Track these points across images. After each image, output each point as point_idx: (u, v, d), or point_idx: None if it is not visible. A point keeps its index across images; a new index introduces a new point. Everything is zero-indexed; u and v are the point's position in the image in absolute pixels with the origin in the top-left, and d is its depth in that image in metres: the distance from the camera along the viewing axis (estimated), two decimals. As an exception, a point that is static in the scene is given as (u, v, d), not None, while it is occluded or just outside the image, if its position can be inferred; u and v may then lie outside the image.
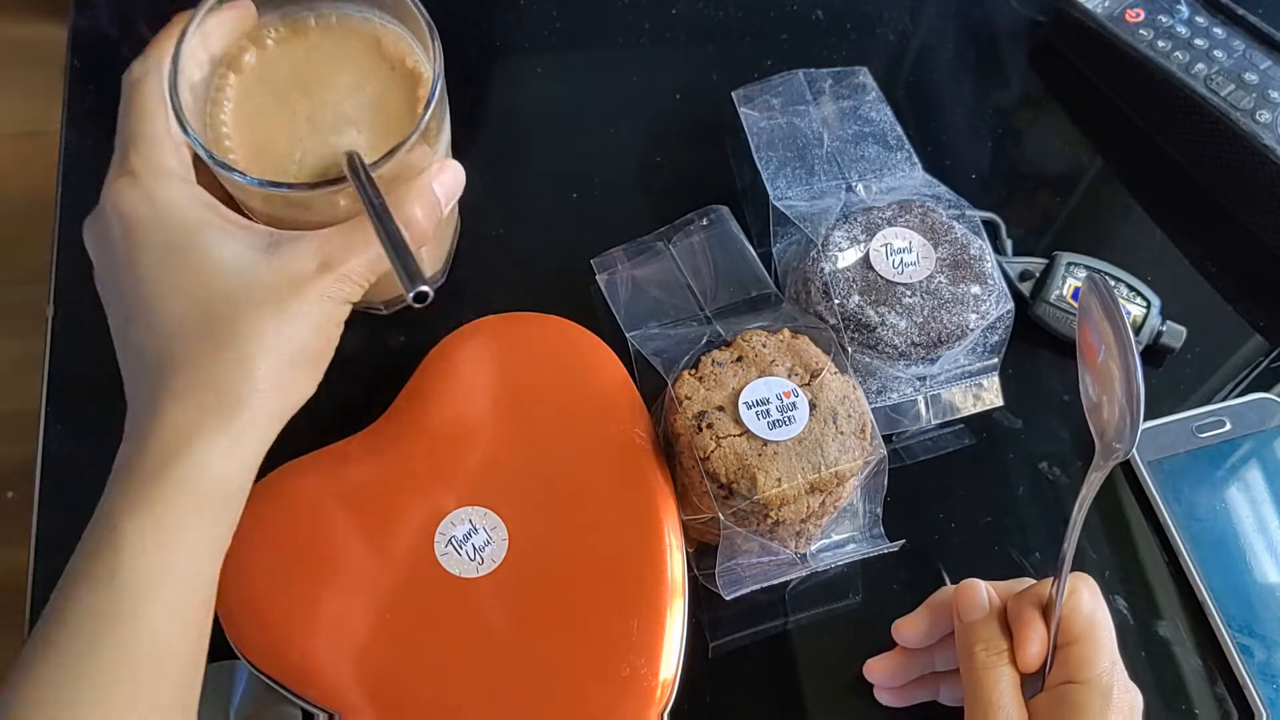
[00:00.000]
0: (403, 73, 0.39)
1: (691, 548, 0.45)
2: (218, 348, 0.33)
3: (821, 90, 0.54)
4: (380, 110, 0.38)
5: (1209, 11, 0.57)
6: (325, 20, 0.40)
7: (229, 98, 0.38)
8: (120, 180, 0.35)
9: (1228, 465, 0.50)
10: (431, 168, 0.38)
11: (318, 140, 0.38)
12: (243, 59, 0.39)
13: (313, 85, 0.39)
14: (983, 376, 0.49)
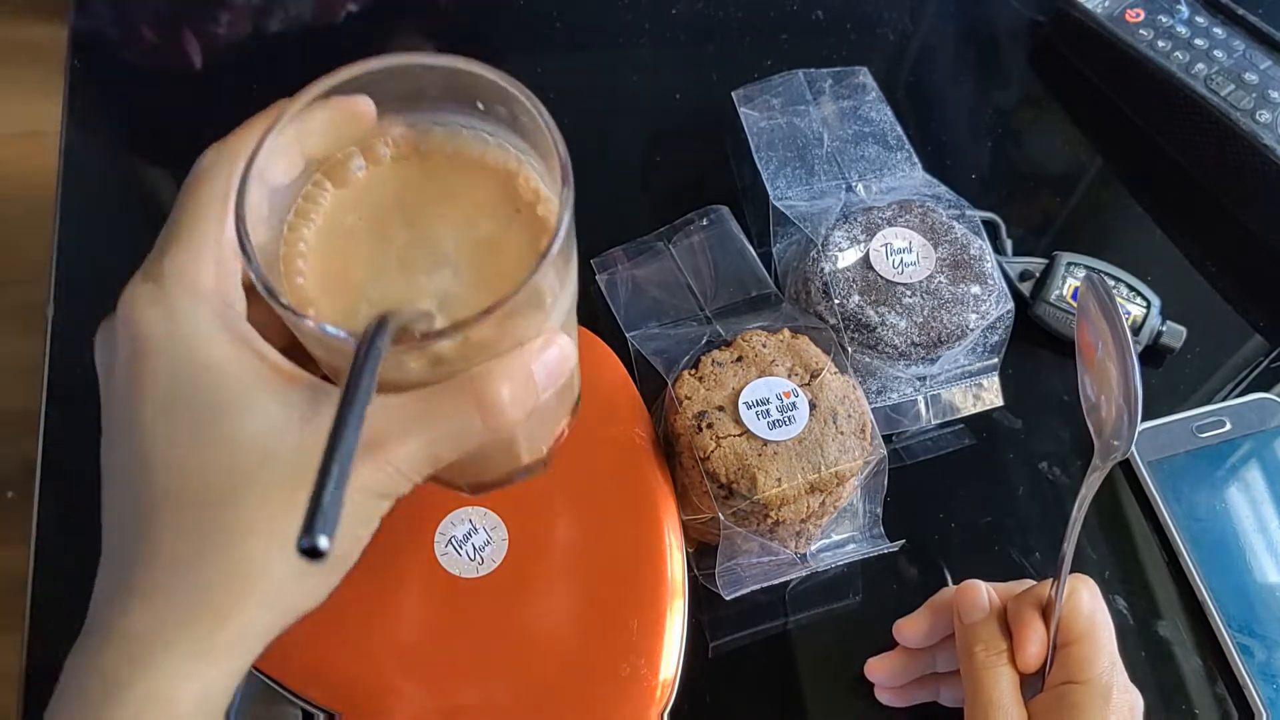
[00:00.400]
0: (529, 218, 0.32)
1: (691, 548, 0.45)
2: (209, 538, 0.26)
3: (821, 90, 0.54)
4: (489, 257, 0.31)
5: (1209, 11, 0.57)
6: (454, 137, 0.32)
7: (319, 212, 0.31)
8: (142, 287, 0.28)
9: (1228, 465, 0.50)
10: (535, 341, 0.29)
11: (403, 280, 0.30)
12: (349, 170, 0.32)
13: (418, 214, 0.31)
14: (983, 376, 0.49)
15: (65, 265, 0.52)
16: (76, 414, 0.49)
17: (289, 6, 0.56)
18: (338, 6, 0.57)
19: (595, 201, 0.56)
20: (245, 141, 0.29)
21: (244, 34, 0.56)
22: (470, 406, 0.28)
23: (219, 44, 0.56)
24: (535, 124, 0.30)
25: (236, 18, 0.55)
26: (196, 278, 0.28)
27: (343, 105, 0.30)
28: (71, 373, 0.49)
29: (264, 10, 0.56)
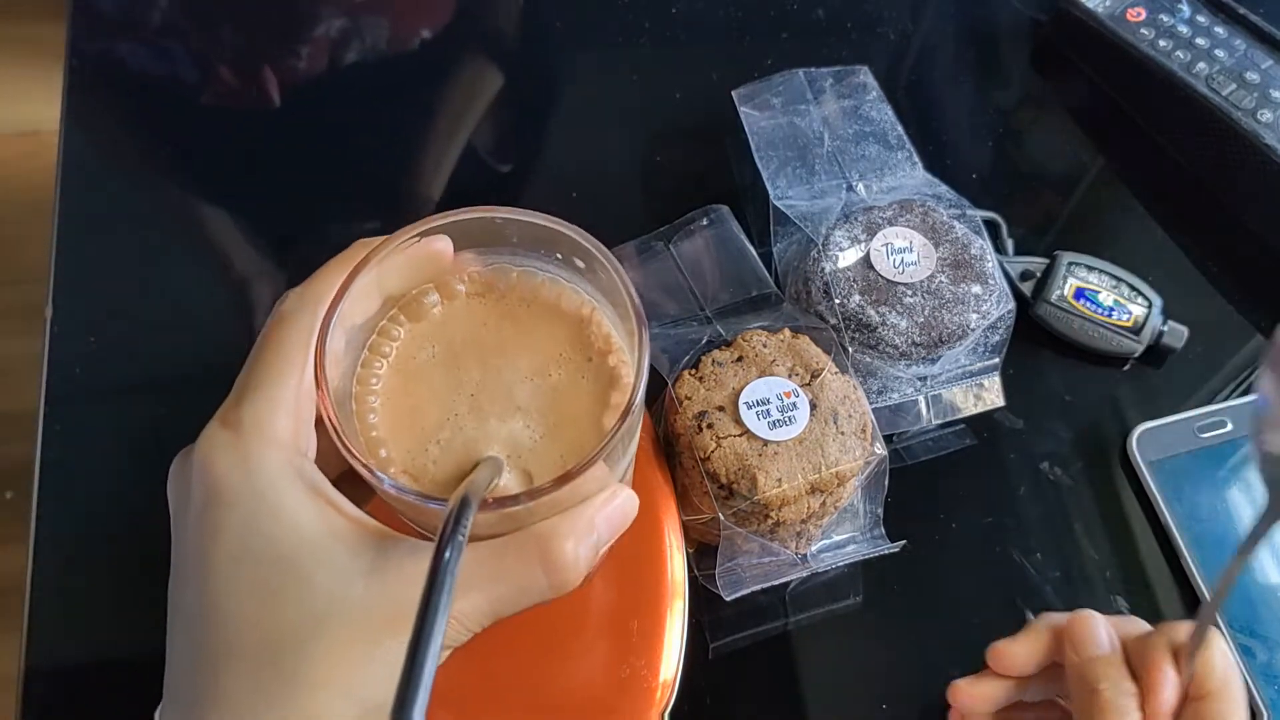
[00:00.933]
0: (599, 367, 0.31)
1: (692, 548, 0.45)
2: (277, 689, 0.27)
3: (822, 90, 0.54)
4: (560, 405, 0.31)
5: (1210, 11, 0.57)
6: (529, 279, 0.32)
7: (393, 350, 0.31)
8: (220, 434, 0.29)
9: (1229, 465, 0.50)
10: (601, 495, 0.30)
11: (474, 422, 0.30)
12: (425, 308, 0.32)
13: (491, 354, 0.31)
14: (984, 376, 0.49)
15: (65, 265, 0.52)
16: (76, 414, 0.49)
17: (365, 36, 0.56)
18: (411, 34, 0.57)
19: (595, 201, 0.56)
20: (327, 285, 0.30)
21: (321, 67, 0.56)
22: (536, 564, 0.28)
23: (298, 78, 0.56)
24: (612, 282, 0.30)
25: (315, 51, 0.56)
26: (274, 428, 0.28)
27: (423, 246, 0.30)
28: (71, 373, 0.49)
29: (341, 42, 0.56)
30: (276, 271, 0.55)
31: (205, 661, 0.28)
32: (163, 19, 0.56)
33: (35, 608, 0.44)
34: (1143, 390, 0.52)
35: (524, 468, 0.30)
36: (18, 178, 1.37)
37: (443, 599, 0.23)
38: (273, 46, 0.56)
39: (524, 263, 0.32)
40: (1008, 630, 0.46)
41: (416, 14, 0.57)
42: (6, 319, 1.10)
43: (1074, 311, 0.51)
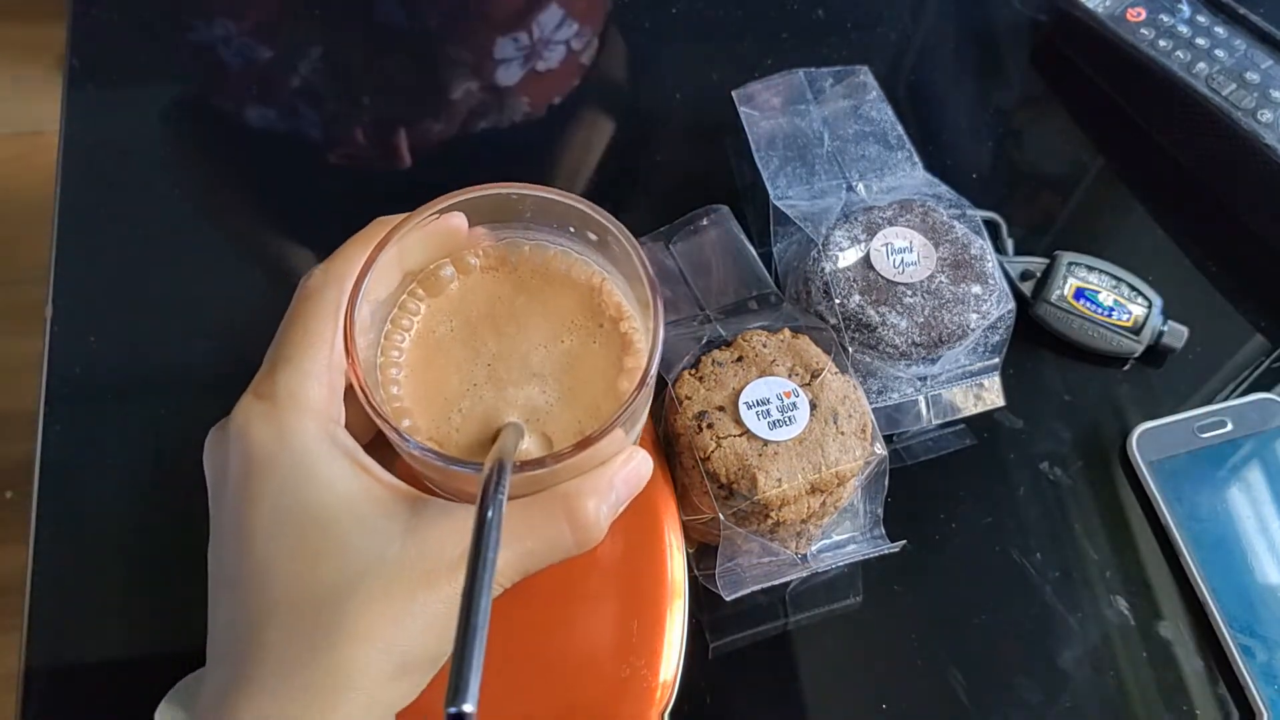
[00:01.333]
0: (610, 333, 0.33)
1: (692, 548, 0.45)
2: (315, 642, 0.28)
3: (822, 89, 0.54)
4: (574, 370, 0.32)
5: (1210, 11, 0.57)
6: (541, 252, 0.34)
7: (414, 323, 0.33)
8: (256, 405, 0.30)
9: (1229, 465, 0.50)
10: (618, 457, 0.31)
11: (493, 391, 0.32)
12: (443, 282, 0.33)
13: (506, 325, 0.33)
14: (984, 376, 0.49)
15: (65, 265, 0.52)
16: (76, 414, 0.49)
17: (505, 106, 0.58)
18: (546, 102, 0.59)
19: (595, 201, 0.56)
20: (350, 263, 0.31)
21: (453, 132, 0.57)
22: (562, 521, 0.30)
23: (430, 140, 0.57)
24: (625, 253, 0.31)
25: (451, 115, 0.57)
26: (307, 397, 0.30)
27: (440, 223, 0.32)
28: (71, 373, 0.49)
29: (478, 111, 0.57)
30: (280, 272, 0.55)
31: (247, 622, 0.28)
32: (302, 83, 0.58)
33: (35, 608, 0.44)
34: (1142, 390, 0.52)
35: (542, 431, 0.31)
36: (18, 178, 1.37)
37: (490, 552, 0.25)
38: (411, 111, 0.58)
39: (536, 236, 0.33)
40: (1007, 630, 0.46)
41: (552, 88, 0.59)
42: (6, 319, 1.10)
43: (1074, 311, 0.51)
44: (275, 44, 0.59)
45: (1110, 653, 0.46)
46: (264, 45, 0.58)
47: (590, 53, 0.60)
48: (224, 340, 0.50)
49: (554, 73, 0.59)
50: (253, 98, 0.57)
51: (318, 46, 0.59)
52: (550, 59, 0.59)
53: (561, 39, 0.60)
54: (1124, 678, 0.45)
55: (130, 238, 0.54)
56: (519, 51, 0.59)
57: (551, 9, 0.60)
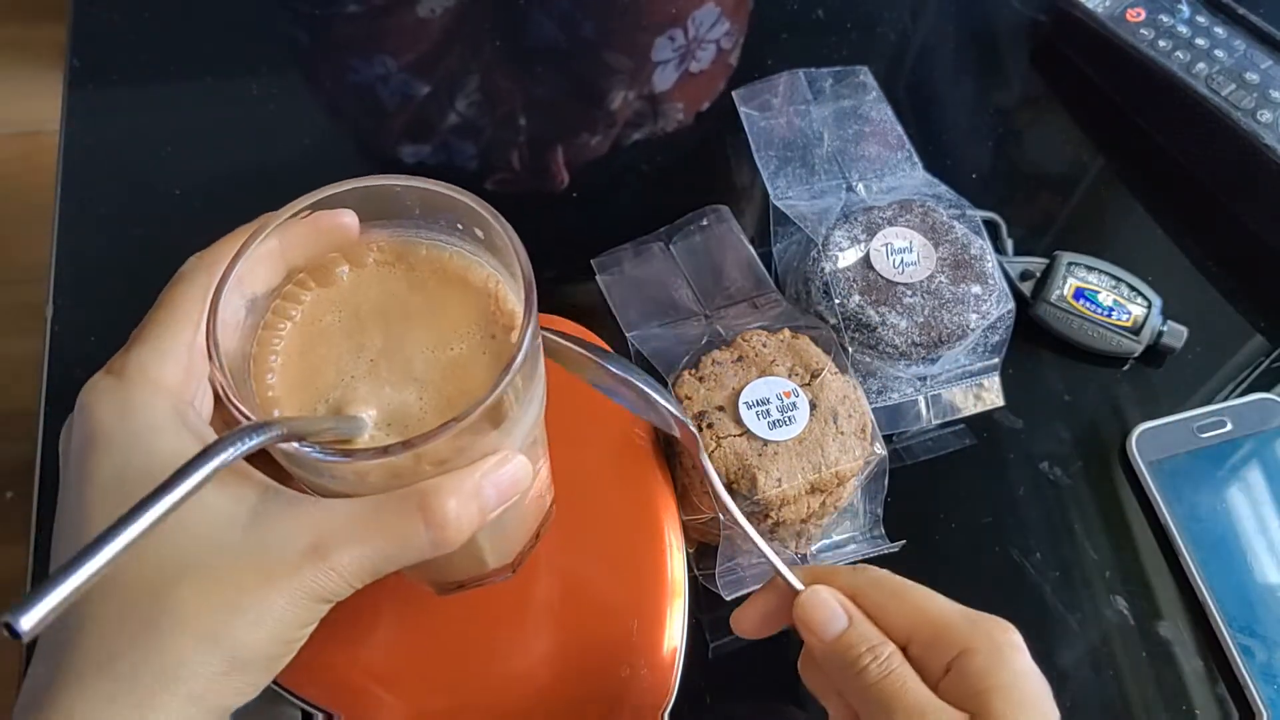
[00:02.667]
0: (502, 344, 0.31)
1: (692, 548, 0.45)
2: (143, 630, 0.26)
3: (822, 90, 0.54)
4: (457, 379, 0.30)
5: (1210, 11, 0.57)
6: (438, 251, 0.32)
7: (299, 312, 0.31)
8: (103, 380, 0.29)
9: (1229, 465, 0.50)
10: (490, 459, 0.29)
11: (369, 387, 0.30)
12: (334, 273, 0.32)
13: (396, 323, 0.31)
14: (983, 376, 0.49)
15: (65, 265, 0.52)
16: (76, 414, 0.49)
17: (659, 114, 0.58)
18: (697, 106, 0.59)
19: (595, 201, 0.56)
20: (226, 251, 0.30)
21: (605, 150, 0.57)
22: (416, 519, 0.27)
23: (585, 156, 0.57)
24: (506, 247, 0.30)
25: (607, 127, 0.57)
26: (159, 373, 0.29)
27: (326, 219, 0.30)
28: (71, 373, 0.49)
29: (633, 122, 0.58)
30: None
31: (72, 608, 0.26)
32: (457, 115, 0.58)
33: (35, 607, 0.44)
34: (1142, 390, 0.52)
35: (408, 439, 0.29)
36: (18, 178, 1.37)
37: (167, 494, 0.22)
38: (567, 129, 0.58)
39: (431, 236, 0.32)
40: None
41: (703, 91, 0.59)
42: (6, 319, 1.10)
43: (1073, 311, 0.51)
44: (431, 78, 0.58)
45: (1110, 653, 0.46)
46: (421, 80, 0.58)
47: (737, 54, 0.60)
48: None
49: (705, 74, 0.59)
50: (408, 135, 0.57)
51: (475, 76, 0.59)
52: (703, 59, 0.59)
53: (713, 38, 0.60)
54: (1124, 678, 0.45)
55: (130, 238, 0.54)
56: (675, 52, 0.59)
57: (708, 6, 0.60)
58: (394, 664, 0.39)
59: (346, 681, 0.39)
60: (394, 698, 0.39)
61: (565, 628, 0.40)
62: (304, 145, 0.57)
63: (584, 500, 0.42)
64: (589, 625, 0.40)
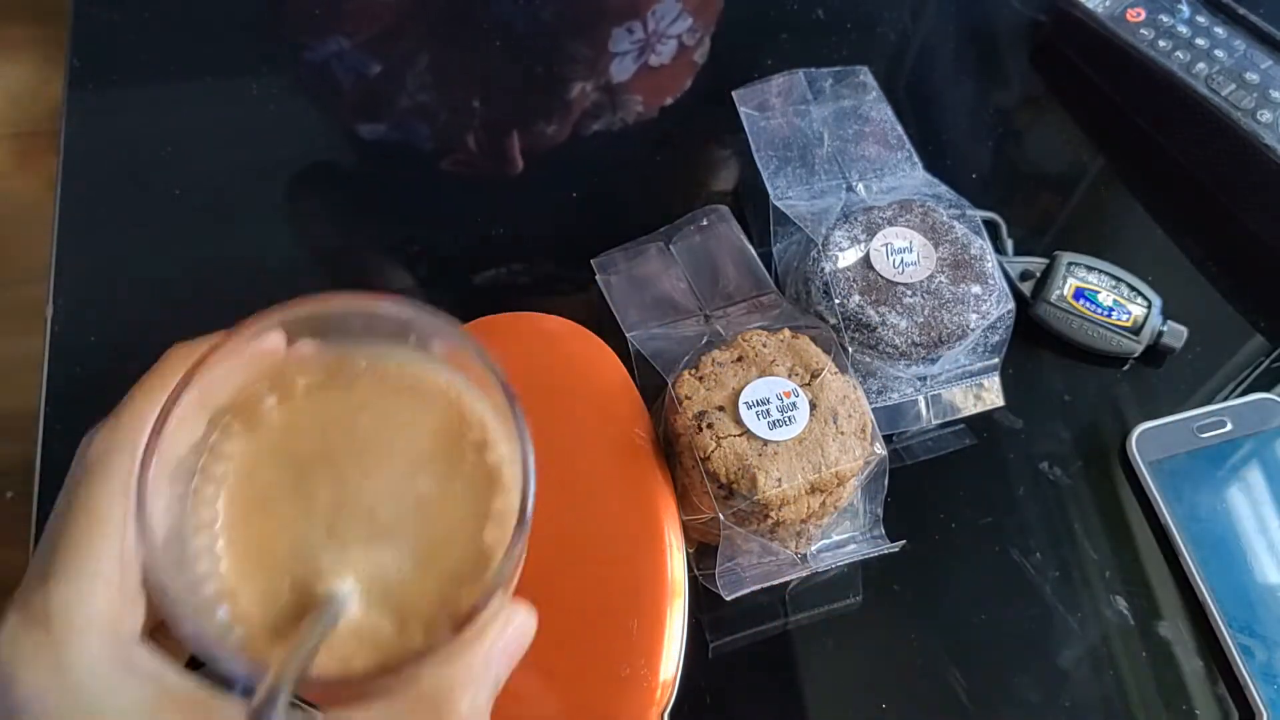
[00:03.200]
0: (475, 465, 0.26)
1: (692, 548, 0.45)
2: None
3: (822, 90, 0.54)
4: (431, 522, 0.25)
5: (1210, 11, 0.57)
6: (380, 366, 0.27)
7: (231, 469, 0.26)
8: (23, 635, 0.23)
9: (1229, 465, 0.50)
10: (493, 627, 0.25)
11: (334, 554, 0.25)
12: (260, 410, 0.26)
13: (346, 463, 0.26)
14: (983, 376, 0.49)
15: (65, 265, 0.52)
16: (76, 414, 0.49)
17: (618, 105, 0.58)
18: (659, 101, 0.58)
19: (595, 201, 0.56)
20: (141, 418, 0.25)
21: (565, 136, 0.57)
22: None
23: (543, 144, 0.57)
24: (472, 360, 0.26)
25: (565, 116, 0.57)
26: (88, 613, 0.24)
27: (252, 346, 0.26)
28: (71, 373, 0.49)
29: (591, 112, 0.57)
30: (282, 273, 0.55)
31: None
32: (412, 94, 0.58)
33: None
34: (1142, 390, 0.52)
35: (395, 607, 0.25)
36: (17, 178, 1.37)
37: None
38: (524, 113, 0.58)
39: (374, 344, 0.27)
40: (1007, 630, 0.46)
41: (665, 86, 0.59)
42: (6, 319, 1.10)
43: (1073, 311, 0.51)
44: (387, 57, 0.58)
45: (1110, 652, 0.46)
46: (373, 59, 0.58)
47: (703, 51, 0.60)
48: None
49: (666, 69, 0.59)
50: (364, 113, 0.57)
51: (427, 54, 0.58)
52: (663, 53, 0.58)
53: (675, 33, 0.59)
54: (1123, 677, 0.45)
55: (130, 238, 0.54)
56: (634, 45, 0.58)
57: (668, 1, 0.60)
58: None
59: (346, 681, 0.39)
60: (394, 698, 0.39)
61: (565, 627, 0.40)
62: (304, 146, 0.57)
63: (584, 500, 0.42)
64: (589, 625, 0.40)
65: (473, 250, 0.54)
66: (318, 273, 0.55)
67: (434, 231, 0.54)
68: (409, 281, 0.53)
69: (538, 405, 0.44)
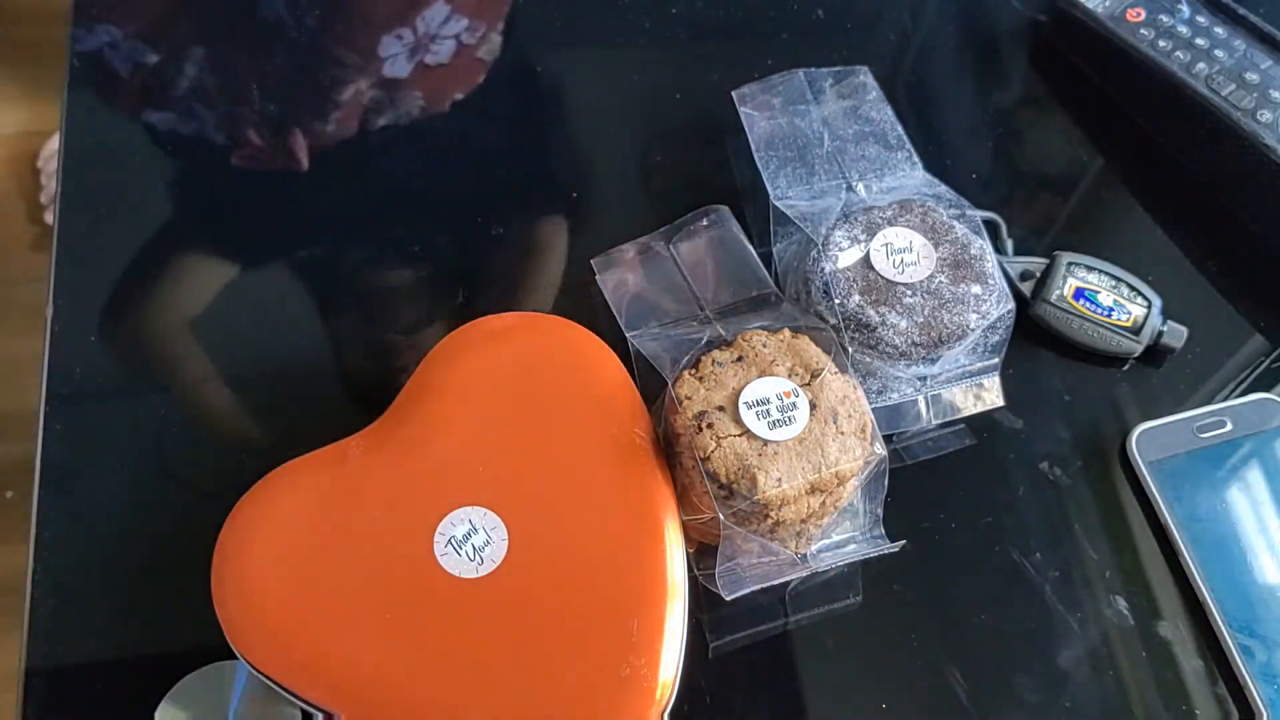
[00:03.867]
0: None
1: (692, 548, 0.45)
2: None
3: (822, 90, 0.54)
4: None
5: (1210, 11, 0.57)
6: None
7: None
8: None
9: (1229, 465, 0.50)
10: None
11: None
12: None
13: None
14: (983, 376, 0.49)
15: (65, 265, 0.52)
16: (76, 414, 0.49)
17: (399, 102, 0.57)
18: (444, 97, 0.58)
19: (595, 201, 0.56)
20: None
21: (351, 131, 0.57)
22: None
23: (327, 141, 0.57)
24: None
25: (346, 115, 0.57)
26: None
27: None
28: (71, 373, 0.49)
29: (373, 108, 0.57)
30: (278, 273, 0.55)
31: None
32: (191, 85, 0.57)
33: (35, 607, 0.44)
34: (1142, 390, 0.52)
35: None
36: (18, 178, 1.37)
37: None
38: (303, 111, 0.57)
39: None
40: (1007, 630, 0.46)
41: (448, 83, 0.58)
42: (6, 319, 1.10)
43: (1073, 311, 0.51)
44: (162, 47, 0.58)
45: (1110, 653, 0.46)
46: (149, 48, 0.58)
47: (490, 48, 0.60)
48: (224, 339, 0.50)
49: (447, 67, 0.58)
50: (149, 103, 0.57)
51: (202, 48, 0.58)
52: (440, 53, 0.58)
53: (450, 34, 0.59)
54: (1123, 678, 0.45)
55: (130, 238, 0.54)
56: (404, 48, 0.58)
57: (437, 5, 0.59)
58: (393, 665, 0.39)
59: (346, 681, 0.39)
60: (394, 698, 0.39)
61: (565, 628, 0.40)
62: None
63: (584, 500, 0.42)
64: (589, 625, 0.40)
65: (473, 250, 0.54)
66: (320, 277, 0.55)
67: (434, 231, 0.54)
68: (409, 281, 0.53)
69: (538, 405, 0.44)
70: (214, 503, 0.46)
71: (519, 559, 0.41)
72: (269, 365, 0.50)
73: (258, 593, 0.40)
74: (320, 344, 0.51)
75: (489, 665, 0.39)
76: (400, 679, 0.39)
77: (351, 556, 0.40)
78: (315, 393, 0.49)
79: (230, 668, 0.41)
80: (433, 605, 0.40)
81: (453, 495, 0.42)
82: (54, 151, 1.09)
